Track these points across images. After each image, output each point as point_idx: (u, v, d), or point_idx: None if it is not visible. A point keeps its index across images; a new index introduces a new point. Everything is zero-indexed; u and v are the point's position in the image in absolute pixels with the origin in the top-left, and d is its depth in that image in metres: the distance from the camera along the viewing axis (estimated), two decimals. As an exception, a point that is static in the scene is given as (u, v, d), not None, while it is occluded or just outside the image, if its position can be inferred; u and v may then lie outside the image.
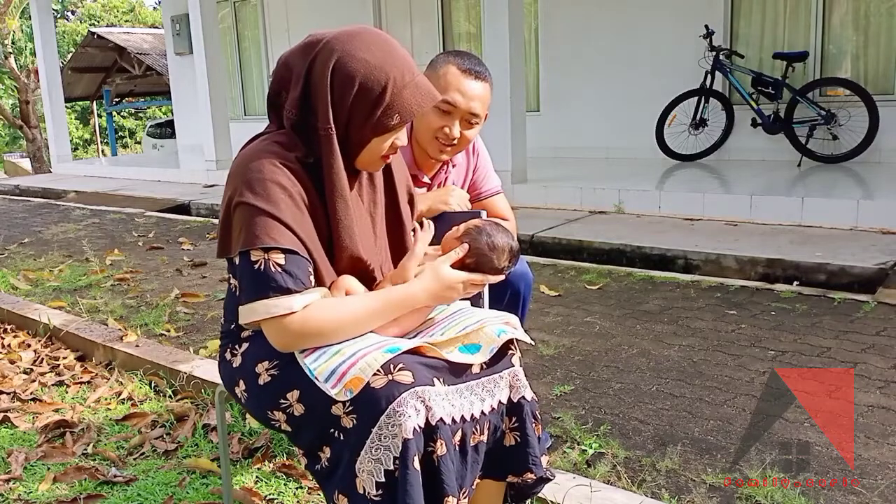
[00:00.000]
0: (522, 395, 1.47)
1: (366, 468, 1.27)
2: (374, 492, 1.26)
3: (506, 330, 1.46)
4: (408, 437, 1.24)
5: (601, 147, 7.78)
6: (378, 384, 1.27)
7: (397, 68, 1.36)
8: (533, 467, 1.48)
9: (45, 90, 11.04)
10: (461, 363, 1.39)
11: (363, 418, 1.27)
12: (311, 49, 1.38)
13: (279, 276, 1.30)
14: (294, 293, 1.31)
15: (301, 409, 1.35)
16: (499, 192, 2.13)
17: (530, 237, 4.77)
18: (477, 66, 1.83)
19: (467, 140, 1.88)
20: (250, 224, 1.31)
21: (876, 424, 2.16)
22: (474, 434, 1.40)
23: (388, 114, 1.36)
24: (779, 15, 6.82)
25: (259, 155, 1.37)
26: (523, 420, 1.47)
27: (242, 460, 2.23)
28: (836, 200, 4.63)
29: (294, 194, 1.34)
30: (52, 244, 5.48)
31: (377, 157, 1.44)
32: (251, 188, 1.33)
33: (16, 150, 24.37)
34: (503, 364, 1.46)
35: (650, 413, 2.30)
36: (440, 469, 1.30)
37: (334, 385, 1.28)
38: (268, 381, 1.38)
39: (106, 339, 3.15)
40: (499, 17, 5.86)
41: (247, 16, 11.51)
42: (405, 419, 1.25)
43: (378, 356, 1.29)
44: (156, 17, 29.16)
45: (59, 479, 2.15)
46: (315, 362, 1.33)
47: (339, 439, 1.32)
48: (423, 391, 1.28)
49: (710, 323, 3.10)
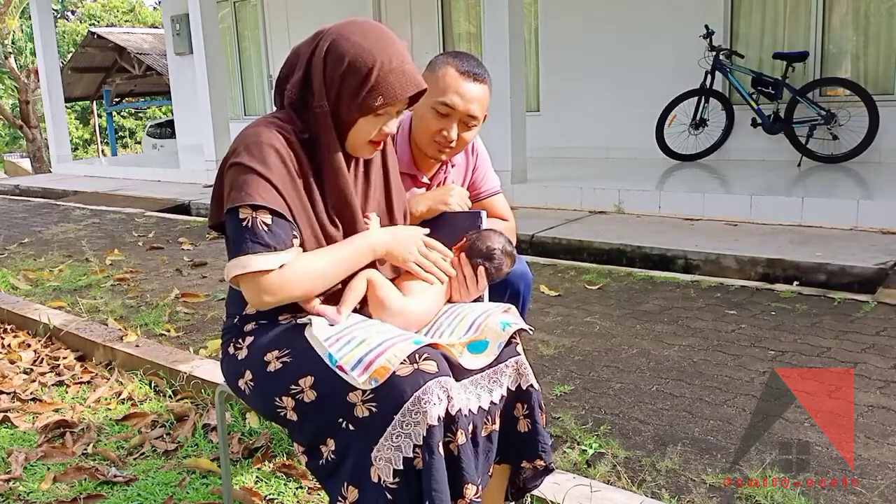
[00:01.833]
0: (531, 382, 1.51)
1: (384, 455, 1.29)
2: (391, 479, 1.28)
3: (509, 322, 1.50)
4: (433, 424, 1.28)
5: (601, 147, 7.77)
6: (403, 372, 1.30)
7: (386, 53, 1.43)
8: (543, 454, 1.54)
9: (45, 90, 11.04)
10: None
11: (385, 406, 1.29)
12: (316, 37, 1.48)
13: (264, 235, 1.36)
14: (276, 251, 1.36)
15: (312, 396, 1.36)
16: (498, 193, 2.12)
17: (530, 237, 4.77)
18: (475, 68, 1.82)
19: (465, 142, 1.87)
20: (242, 182, 1.38)
21: (876, 424, 2.16)
22: (486, 424, 1.43)
23: (373, 94, 1.42)
24: (779, 15, 6.82)
25: (257, 125, 1.45)
26: (532, 407, 1.51)
27: (242, 460, 2.23)
28: (836, 200, 4.63)
29: (286, 160, 1.41)
30: (52, 244, 5.48)
31: (364, 142, 1.49)
32: (247, 149, 1.40)
33: (16, 150, 24.38)
34: (508, 353, 1.49)
35: (650, 413, 2.30)
36: (460, 458, 1.33)
37: (361, 374, 1.31)
38: (278, 367, 1.41)
39: (106, 339, 3.15)
40: (499, 17, 5.86)
41: (247, 16, 11.51)
42: (430, 406, 1.28)
43: (406, 346, 1.33)
44: (156, 17, 29.16)
45: (59, 479, 2.15)
46: (339, 352, 1.35)
47: (347, 430, 1.33)
48: (446, 381, 1.32)
49: (710, 323, 3.10)
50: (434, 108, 1.80)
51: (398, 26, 9.44)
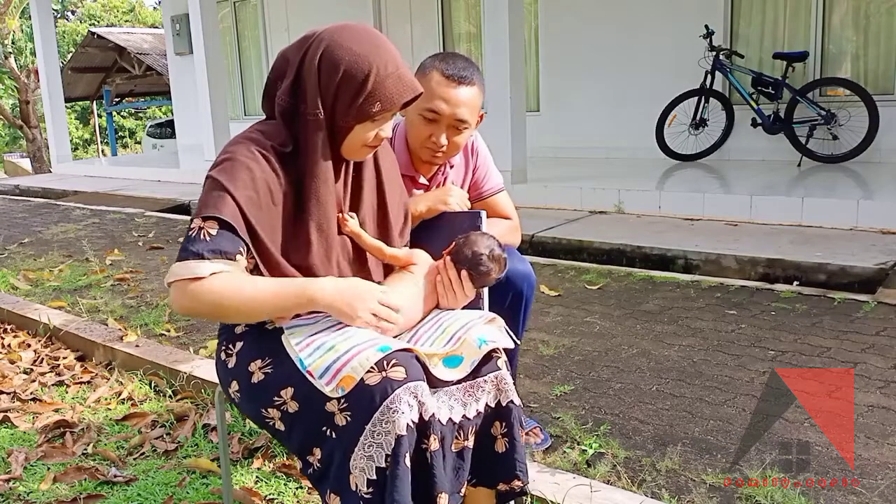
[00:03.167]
0: (511, 398, 1.44)
1: (359, 465, 1.27)
2: (366, 489, 1.27)
3: (486, 340, 1.43)
4: (401, 434, 1.25)
5: (601, 147, 7.77)
6: (372, 381, 1.28)
7: (381, 59, 1.41)
8: (520, 474, 1.46)
9: (45, 90, 11.03)
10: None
11: (357, 415, 1.28)
12: (305, 42, 1.45)
13: (202, 243, 1.35)
14: (205, 259, 1.34)
15: (295, 407, 1.35)
16: (501, 191, 2.09)
17: (530, 237, 4.77)
18: (462, 71, 1.78)
19: (457, 145, 1.85)
20: (205, 196, 1.39)
21: (876, 424, 2.16)
22: (457, 439, 1.39)
23: (370, 101, 1.40)
24: (779, 15, 6.82)
25: (237, 140, 1.45)
26: (511, 425, 1.44)
27: (242, 460, 2.23)
28: (836, 200, 4.63)
29: (257, 178, 1.39)
30: (52, 244, 5.48)
31: (360, 146, 1.48)
32: (220, 165, 1.41)
33: (16, 150, 24.37)
34: (488, 368, 1.43)
35: (650, 413, 2.30)
36: (433, 464, 1.31)
37: (328, 382, 1.29)
38: (261, 378, 1.39)
39: (106, 339, 3.15)
40: (499, 17, 5.86)
41: (247, 16, 11.51)
42: (399, 416, 1.25)
43: (371, 354, 1.30)
44: (156, 17, 29.15)
45: (59, 479, 2.15)
46: (309, 357, 1.34)
47: (331, 438, 1.32)
48: (415, 387, 1.29)
49: (710, 323, 3.10)
50: (421, 115, 1.79)
51: (398, 26, 9.45)
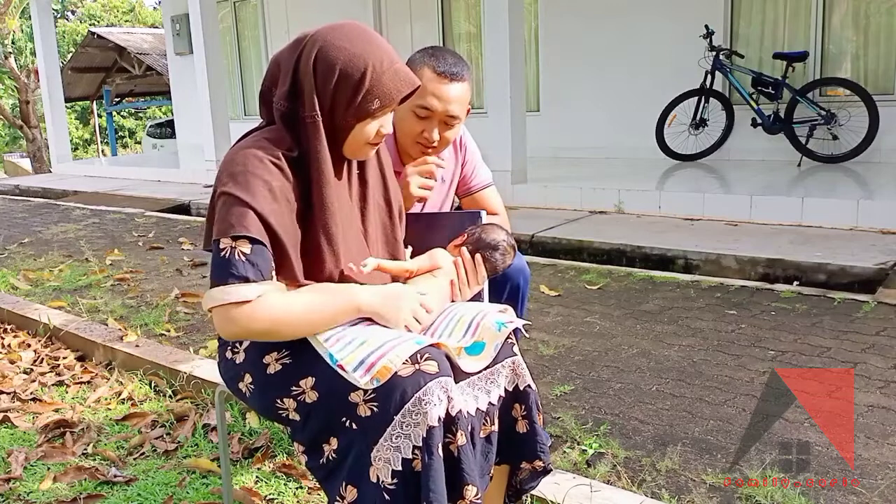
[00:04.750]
0: (528, 382, 1.50)
1: (383, 456, 1.29)
2: (390, 480, 1.28)
3: (505, 323, 1.49)
4: (433, 425, 1.27)
5: (601, 147, 7.77)
6: (404, 373, 1.30)
7: (376, 56, 1.41)
8: (542, 455, 1.53)
9: (45, 90, 11.03)
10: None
11: (385, 406, 1.29)
12: (298, 44, 1.44)
13: (240, 265, 1.33)
14: (251, 283, 1.33)
15: (314, 397, 1.36)
16: (490, 185, 2.10)
17: (530, 237, 4.76)
18: (453, 67, 1.80)
19: (448, 140, 1.88)
20: (226, 213, 1.36)
21: (876, 424, 2.16)
22: (484, 426, 1.43)
23: (369, 99, 1.40)
24: (779, 15, 6.82)
25: (245, 150, 1.41)
26: (530, 407, 1.50)
27: (242, 460, 2.23)
28: (836, 200, 4.63)
29: (274, 188, 1.38)
30: (52, 244, 5.48)
31: (363, 144, 1.47)
32: (233, 179, 1.37)
33: (16, 150, 24.36)
34: (504, 353, 1.48)
35: (650, 413, 2.30)
36: (460, 459, 1.33)
37: (363, 375, 1.30)
38: (278, 369, 1.40)
39: (106, 339, 3.15)
40: (499, 17, 5.86)
41: (247, 16, 11.51)
42: (431, 407, 1.27)
43: (407, 347, 1.33)
44: (156, 17, 29.15)
45: (59, 479, 2.15)
46: (340, 352, 1.35)
47: (350, 429, 1.33)
48: (446, 382, 1.32)
49: (710, 323, 3.10)
50: (413, 112, 1.80)
51: (398, 26, 9.45)
